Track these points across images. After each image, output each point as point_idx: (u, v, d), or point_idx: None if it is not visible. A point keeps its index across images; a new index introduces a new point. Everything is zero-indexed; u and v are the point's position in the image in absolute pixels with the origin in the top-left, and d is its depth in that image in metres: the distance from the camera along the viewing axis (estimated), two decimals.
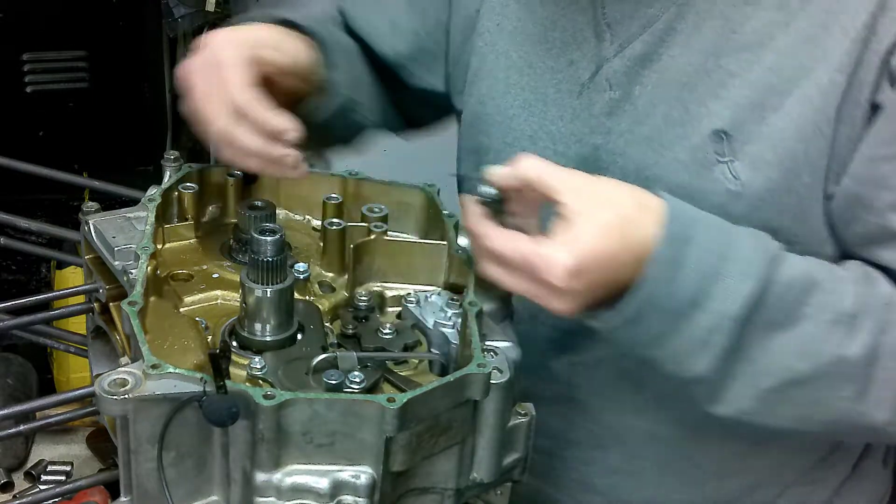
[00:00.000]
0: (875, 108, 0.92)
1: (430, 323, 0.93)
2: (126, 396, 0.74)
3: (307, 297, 0.95)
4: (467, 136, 1.18)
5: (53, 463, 1.66)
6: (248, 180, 1.06)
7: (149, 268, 0.87)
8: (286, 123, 0.92)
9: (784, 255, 0.89)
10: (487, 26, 1.14)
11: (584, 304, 0.85)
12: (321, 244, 1.02)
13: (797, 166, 0.94)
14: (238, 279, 0.88)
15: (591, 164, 1.03)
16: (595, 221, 0.82)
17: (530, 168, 0.85)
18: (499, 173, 0.86)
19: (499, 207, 0.87)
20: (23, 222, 1.15)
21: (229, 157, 0.95)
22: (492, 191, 0.87)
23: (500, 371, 0.83)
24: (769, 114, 0.94)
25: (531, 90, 1.09)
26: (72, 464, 1.66)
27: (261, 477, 0.77)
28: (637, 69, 1.01)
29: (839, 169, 0.94)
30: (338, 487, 0.77)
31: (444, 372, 0.89)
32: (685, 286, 0.85)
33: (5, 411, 0.88)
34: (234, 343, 0.88)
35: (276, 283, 0.86)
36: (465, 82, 1.17)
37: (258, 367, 0.83)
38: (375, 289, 0.99)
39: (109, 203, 1.06)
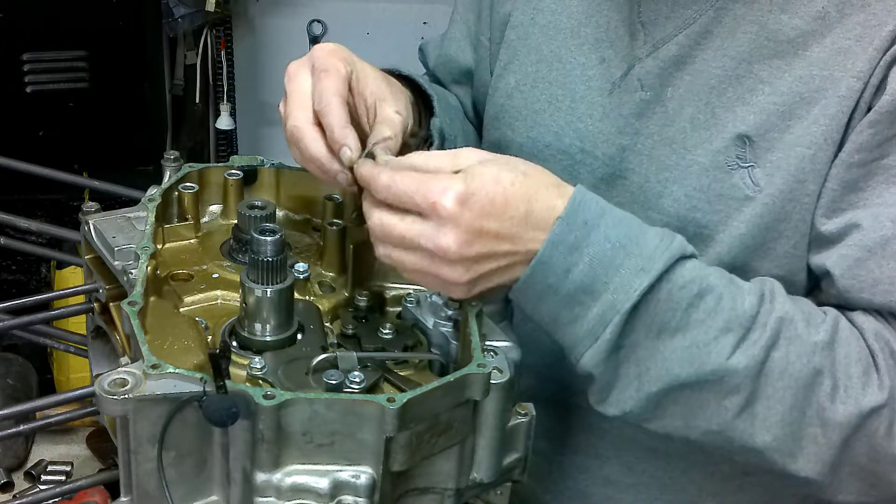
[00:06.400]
0: (868, 112, 0.91)
1: (430, 323, 0.93)
2: (126, 396, 0.74)
3: (307, 297, 0.95)
4: (491, 130, 1.16)
5: (53, 463, 1.67)
6: (248, 180, 1.06)
7: (149, 268, 0.87)
8: (346, 139, 0.89)
9: (686, 260, 0.87)
10: (521, 20, 1.13)
11: (468, 246, 0.81)
12: (321, 244, 1.02)
13: (805, 175, 0.93)
14: (238, 279, 0.88)
15: (617, 164, 1.03)
16: (493, 170, 0.82)
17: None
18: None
19: None
20: (23, 222, 1.15)
21: (295, 157, 0.94)
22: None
23: (500, 371, 0.83)
24: (794, 122, 0.93)
25: (559, 85, 1.08)
26: (72, 464, 1.67)
27: (261, 477, 0.76)
28: (670, 71, 1.00)
29: None
30: (338, 487, 0.77)
31: (444, 372, 0.89)
32: (581, 271, 0.83)
33: (5, 411, 0.88)
34: (234, 343, 0.88)
35: (276, 283, 0.86)
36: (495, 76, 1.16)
37: (258, 367, 0.83)
38: (375, 289, 0.99)
39: (109, 203, 1.06)
